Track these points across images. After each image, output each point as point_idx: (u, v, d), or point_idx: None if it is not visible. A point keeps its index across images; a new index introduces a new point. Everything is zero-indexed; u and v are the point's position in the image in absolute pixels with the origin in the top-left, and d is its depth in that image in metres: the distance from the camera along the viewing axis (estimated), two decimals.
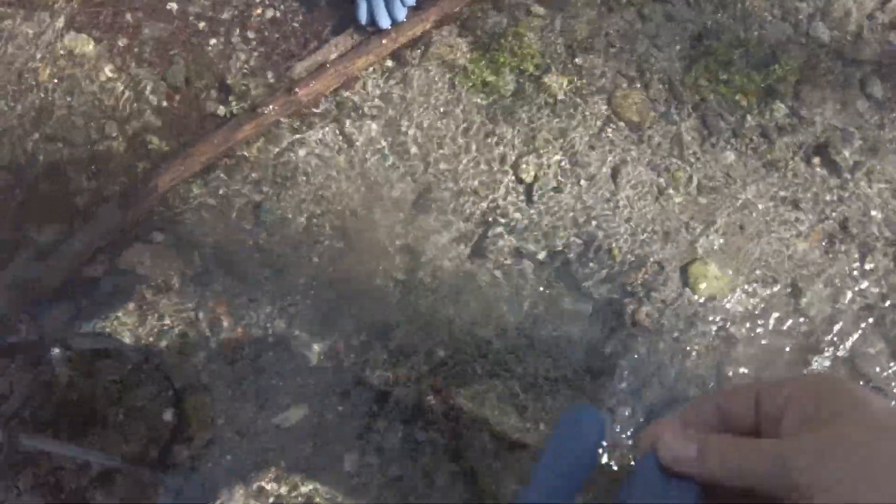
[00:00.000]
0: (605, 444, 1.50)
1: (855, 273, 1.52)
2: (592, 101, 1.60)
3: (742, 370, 1.47)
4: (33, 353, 1.44)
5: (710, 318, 1.50)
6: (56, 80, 1.62)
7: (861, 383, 1.46)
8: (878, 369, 1.47)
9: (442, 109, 1.58)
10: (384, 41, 1.56)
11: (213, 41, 1.65)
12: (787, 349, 1.48)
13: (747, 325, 1.49)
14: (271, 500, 1.37)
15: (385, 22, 1.53)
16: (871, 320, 1.49)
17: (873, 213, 1.55)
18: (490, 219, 1.53)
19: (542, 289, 1.53)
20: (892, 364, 1.47)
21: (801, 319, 1.49)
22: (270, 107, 1.51)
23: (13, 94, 1.61)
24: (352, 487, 1.41)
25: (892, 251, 1.54)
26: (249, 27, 1.66)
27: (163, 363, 1.45)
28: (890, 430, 0.30)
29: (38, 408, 1.41)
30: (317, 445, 1.42)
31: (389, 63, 1.60)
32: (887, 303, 1.51)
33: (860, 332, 1.49)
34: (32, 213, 1.52)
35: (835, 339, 1.48)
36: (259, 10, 1.67)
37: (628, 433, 1.46)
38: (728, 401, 0.36)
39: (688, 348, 1.49)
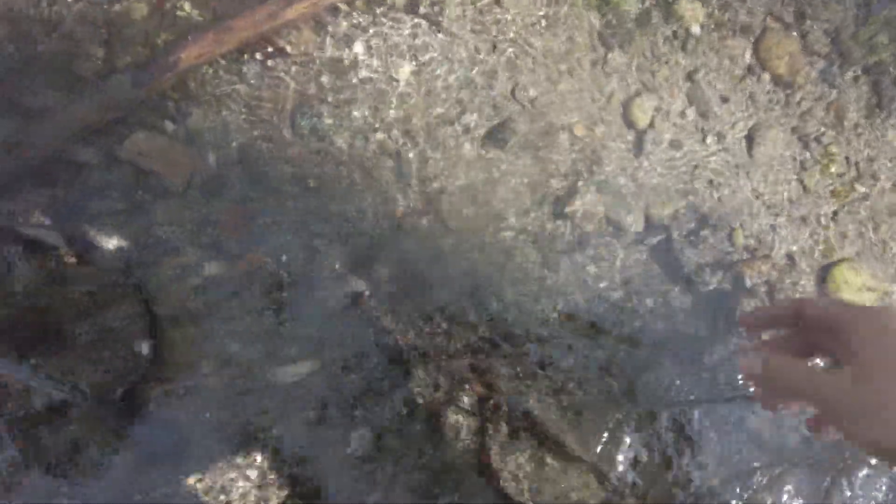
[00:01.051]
0: None
1: None
2: (734, 42, 1.26)
3: None
4: None
5: None
6: None
7: None
8: None
9: (543, 22, 1.25)
10: None
11: None
12: None
13: None
14: (255, 474, 1.06)
15: None
16: None
17: None
18: (582, 168, 1.20)
19: (633, 269, 1.20)
20: None
21: None
22: None
23: None
24: (356, 475, 1.10)
25: None
26: None
27: (145, 282, 1.14)
28: None
29: None
30: (323, 414, 1.11)
31: None
32: None
33: None
34: (30, 75, 1.22)
35: None
36: None
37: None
38: (802, 314, 0.45)
39: None
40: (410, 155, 1.21)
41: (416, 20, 1.24)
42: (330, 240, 1.19)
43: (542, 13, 1.25)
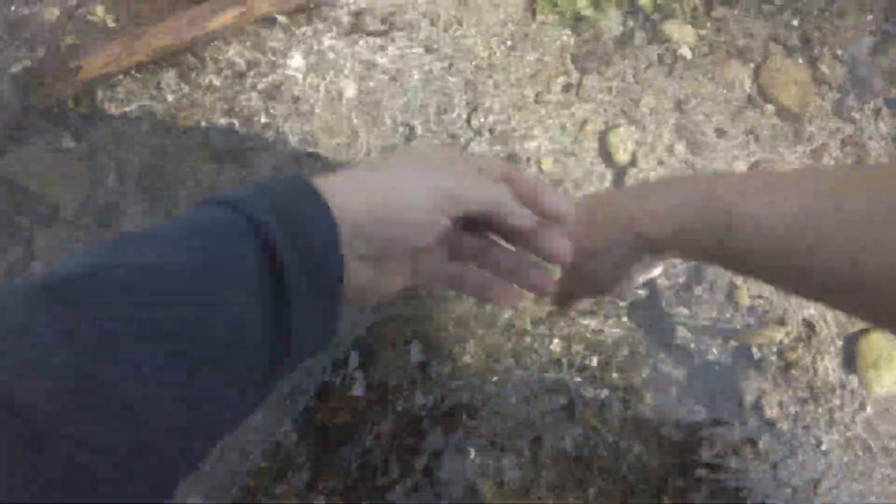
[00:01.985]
0: None
1: None
2: (730, 67, 1.08)
3: None
4: None
5: (888, 434, 0.90)
6: None
7: None
8: None
9: (509, 42, 1.09)
10: None
11: None
12: None
13: None
14: None
15: None
16: None
17: None
18: None
19: (611, 331, 0.97)
20: None
21: None
22: None
23: None
24: None
25: None
26: None
27: None
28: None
29: None
30: None
31: None
32: None
33: None
34: None
35: None
36: None
37: None
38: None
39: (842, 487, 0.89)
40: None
41: (362, 37, 1.09)
42: None
43: (508, 31, 1.09)
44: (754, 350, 0.94)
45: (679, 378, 0.96)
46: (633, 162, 1.02)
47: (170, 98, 1.06)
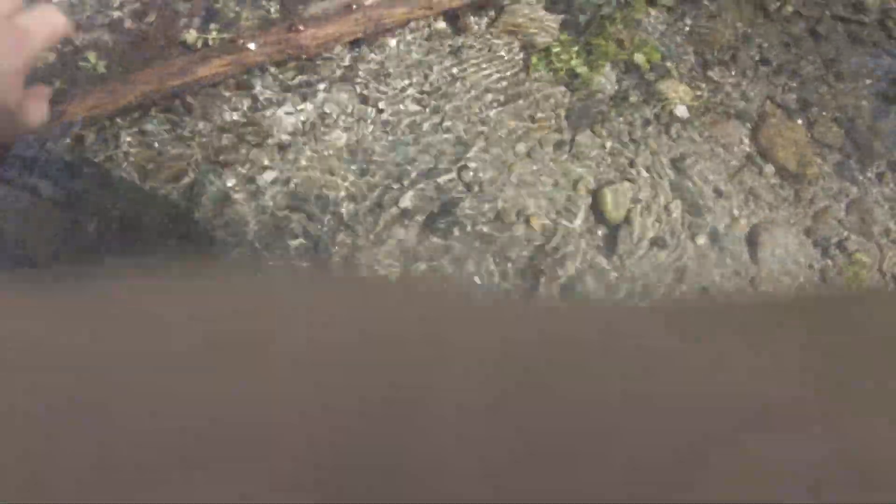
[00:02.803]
0: None
1: None
2: (728, 127, 1.06)
3: None
4: None
5: None
6: None
7: None
8: None
9: (501, 97, 1.07)
10: None
11: None
12: None
13: None
14: None
15: None
16: None
17: None
18: (543, 265, 0.95)
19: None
20: None
21: None
22: (257, 42, 1.04)
23: None
24: None
25: None
26: None
27: None
28: None
29: None
30: None
31: (441, 24, 1.12)
32: None
33: None
34: None
35: None
36: None
37: None
38: None
39: None
40: (336, 239, 0.98)
41: (354, 89, 1.08)
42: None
43: (501, 86, 1.08)
44: None
45: None
46: (627, 220, 0.99)
47: (156, 145, 1.04)
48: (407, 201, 1.00)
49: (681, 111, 1.06)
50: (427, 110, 1.06)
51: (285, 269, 0.85)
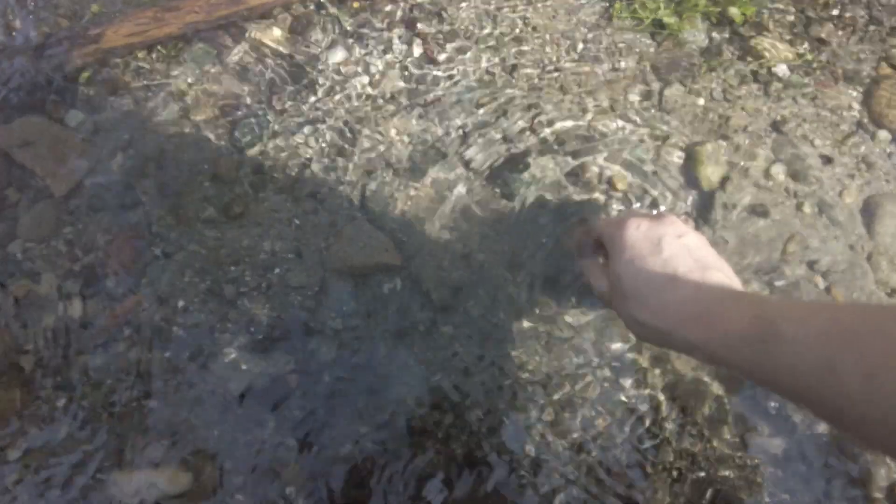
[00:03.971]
0: None
1: None
2: (834, 90, 0.94)
3: None
4: None
5: None
6: None
7: None
8: None
9: (579, 45, 0.97)
10: None
11: None
12: None
13: None
14: None
15: None
16: None
17: None
18: None
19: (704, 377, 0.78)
20: None
21: None
22: None
23: None
24: None
25: None
26: None
27: None
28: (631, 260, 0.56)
29: None
30: None
31: None
32: None
33: None
34: None
35: None
36: None
37: None
38: (588, 232, 0.69)
39: None
40: (384, 192, 0.87)
41: (415, 30, 0.97)
42: (250, 290, 0.82)
43: (579, 34, 0.97)
44: None
45: (777, 453, 0.77)
46: (722, 184, 0.87)
47: (191, 80, 0.94)
48: (472, 151, 0.89)
49: (781, 70, 0.94)
50: (496, 55, 0.95)
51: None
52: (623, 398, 0.79)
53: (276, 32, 0.98)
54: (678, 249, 0.55)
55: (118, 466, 0.73)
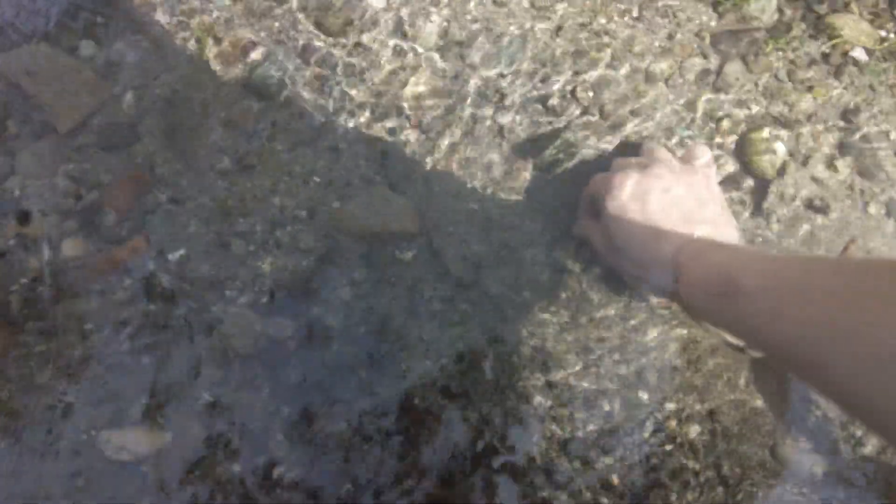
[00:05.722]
0: None
1: None
2: None
3: None
4: None
5: None
6: None
7: None
8: None
9: (634, 11, 0.88)
10: None
11: None
12: None
13: None
14: None
15: None
16: None
17: None
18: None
19: (732, 390, 0.71)
20: None
21: None
22: None
23: None
24: None
25: None
26: None
27: None
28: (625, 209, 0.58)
29: None
30: None
31: None
32: None
33: None
34: None
35: None
36: None
37: None
38: (587, 191, 0.68)
39: None
40: (406, 153, 0.81)
41: None
42: (258, 245, 0.77)
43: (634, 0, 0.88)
44: None
45: (814, 471, 0.70)
46: (780, 174, 0.78)
47: (216, 14, 0.87)
48: (507, 117, 0.82)
49: (859, 53, 0.85)
50: (540, 11, 0.87)
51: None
52: (645, 397, 0.73)
53: None
54: (664, 204, 0.57)
55: (107, 424, 0.69)
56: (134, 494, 0.67)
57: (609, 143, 0.80)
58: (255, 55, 0.86)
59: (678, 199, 0.59)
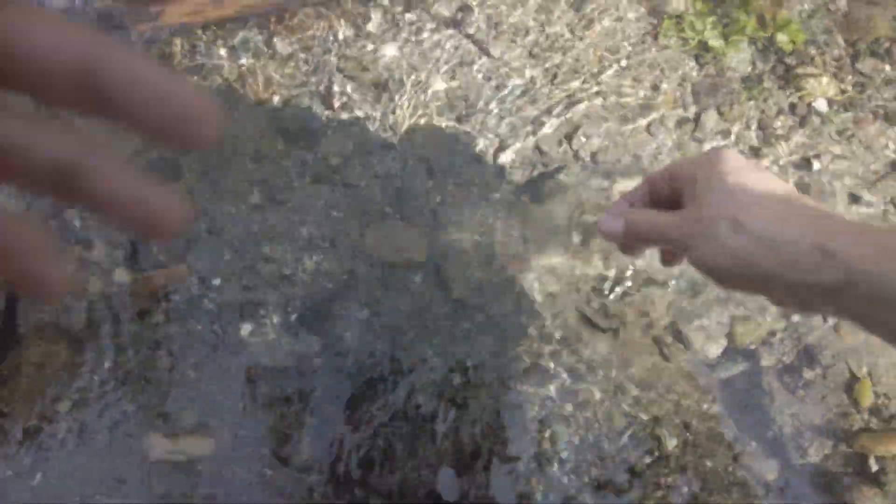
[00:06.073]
0: None
1: None
2: (873, 129, 0.94)
3: None
4: None
5: None
6: None
7: None
8: None
9: (624, 62, 0.98)
10: None
11: None
12: None
13: None
14: None
15: None
16: None
17: None
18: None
19: (700, 408, 0.82)
20: None
21: None
22: None
23: None
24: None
25: None
26: None
27: None
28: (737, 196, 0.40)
29: None
30: None
31: None
32: None
33: None
34: None
35: None
36: None
37: None
38: (652, 181, 0.46)
39: None
40: (425, 187, 0.91)
41: (463, 32, 0.99)
42: (285, 273, 0.87)
43: (624, 49, 0.98)
44: (872, 461, 0.78)
45: (767, 478, 0.80)
46: None
47: (244, 61, 0.97)
48: (506, 157, 0.92)
49: (820, 105, 0.95)
50: (539, 63, 0.97)
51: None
52: (627, 409, 0.84)
53: (333, 22, 1.00)
54: (789, 186, 0.45)
55: (152, 429, 0.80)
56: (186, 492, 0.78)
57: (599, 186, 0.90)
58: (283, 98, 0.96)
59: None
